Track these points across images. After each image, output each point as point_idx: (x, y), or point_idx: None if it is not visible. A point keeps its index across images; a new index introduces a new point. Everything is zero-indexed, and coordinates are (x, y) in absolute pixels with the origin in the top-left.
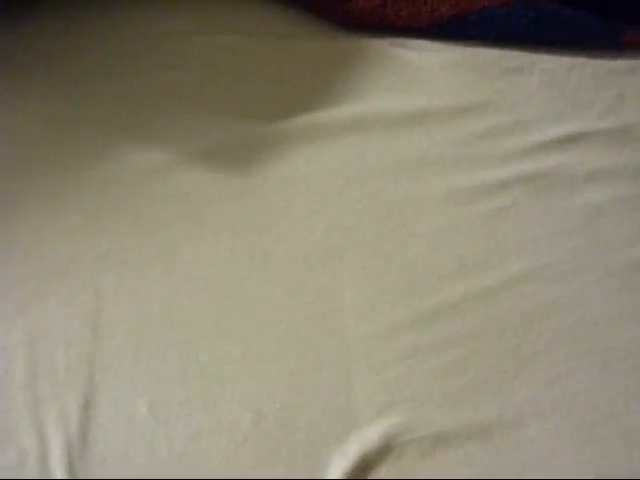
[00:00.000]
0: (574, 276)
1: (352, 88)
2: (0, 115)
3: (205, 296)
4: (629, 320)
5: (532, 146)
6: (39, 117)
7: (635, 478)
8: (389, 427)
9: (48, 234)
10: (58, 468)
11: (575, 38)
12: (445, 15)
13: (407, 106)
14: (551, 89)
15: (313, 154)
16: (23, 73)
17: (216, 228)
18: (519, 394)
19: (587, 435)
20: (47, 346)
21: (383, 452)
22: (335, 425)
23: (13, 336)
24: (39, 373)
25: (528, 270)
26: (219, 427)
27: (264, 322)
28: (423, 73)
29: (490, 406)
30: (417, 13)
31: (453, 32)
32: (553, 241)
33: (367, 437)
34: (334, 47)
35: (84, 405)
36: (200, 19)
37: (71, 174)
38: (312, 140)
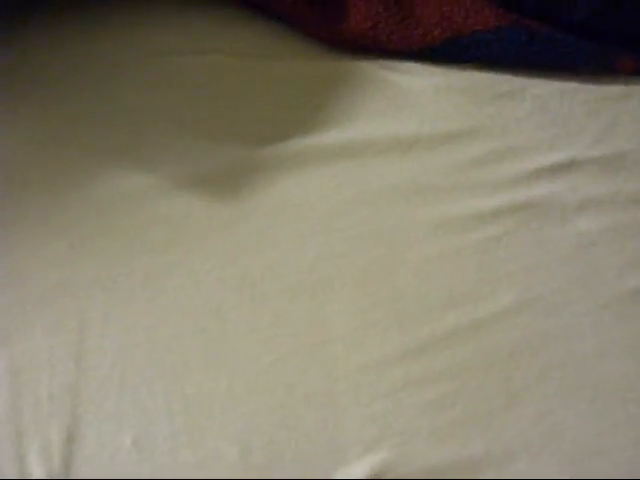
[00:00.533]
0: (565, 308)
1: (342, 112)
2: None
3: (192, 326)
4: (620, 354)
5: (524, 174)
6: (26, 137)
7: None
8: (377, 463)
9: (33, 260)
10: None
11: (567, 63)
12: (437, 38)
13: (398, 131)
14: (543, 115)
15: (303, 180)
16: (13, 92)
17: (204, 256)
18: (508, 429)
19: (576, 470)
20: (30, 376)
21: None
22: (323, 460)
23: None
24: (22, 404)
25: (519, 302)
26: (205, 462)
27: (251, 354)
28: (414, 97)
29: (479, 441)
30: (409, 36)
31: (445, 55)
32: (544, 271)
33: (355, 473)
34: (323, 68)
35: (67, 438)
36: (189, 37)
37: (58, 198)
38: (302, 166)
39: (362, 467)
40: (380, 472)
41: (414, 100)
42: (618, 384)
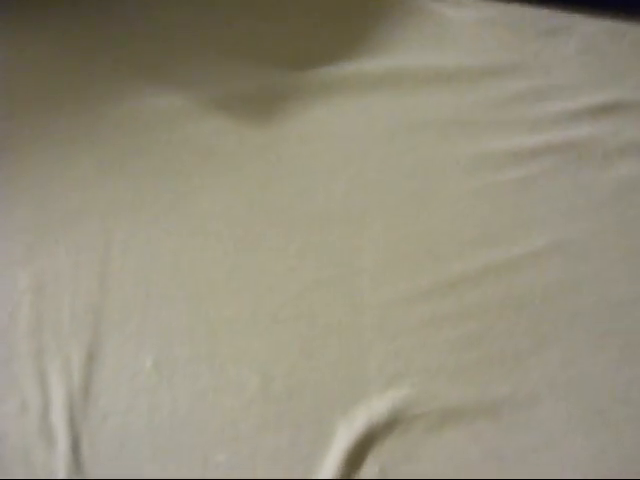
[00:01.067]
0: (600, 253)
1: (382, 41)
2: (18, 46)
3: (218, 251)
4: None
5: (565, 114)
6: (57, 52)
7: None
8: (398, 399)
9: (60, 179)
10: (59, 422)
11: (618, 1)
12: None
13: (439, 63)
14: (589, 54)
15: (338, 108)
16: (45, 2)
17: (234, 180)
18: (534, 372)
19: (601, 420)
20: (53, 294)
21: (390, 425)
22: (343, 393)
23: (19, 282)
24: (44, 322)
25: (553, 244)
26: (225, 388)
27: (277, 282)
28: (457, 29)
29: (503, 383)
30: None
31: None
32: (580, 215)
33: (375, 408)
34: None
35: (88, 357)
36: None
37: (86, 117)
38: (337, 93)
39: (384, 402)
40: (401, 408)
41: (457, 32)
42: None
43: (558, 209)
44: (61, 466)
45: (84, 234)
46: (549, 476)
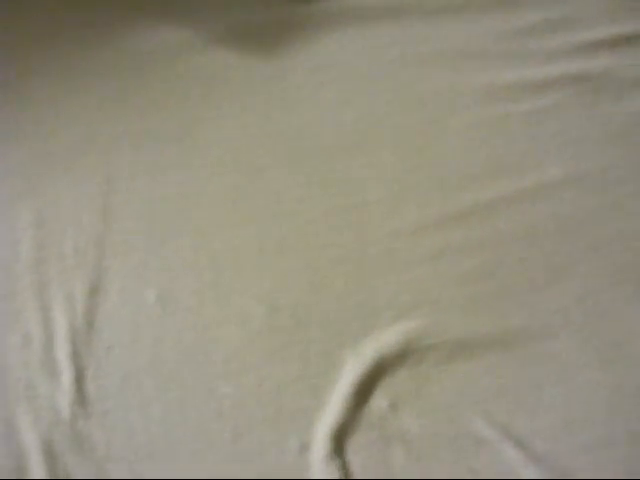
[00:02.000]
0: (615, 186)
1: None
2: None
3: (223, 182)
4: None
5: (580, 45)
6: None
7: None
8: (409, 330)
9: (62, 111)
10: (62, 354)
11: None
12: None
13: None
14: None
15: (346, 39)
16: None
17: (239, 111)
18: (548, 305)
19: (616, 353)
20: (55, 228)
21: (401, 356)
22: (352, 325)
23: (21, 216)
24: (46, 255)
25: (567, 176)
26: (230, 319)
27: (283, 213)
28: None
29: (516, 315)
30: None
31: None
32: (595, 147)
33: (385, 340)
34: None
35: (91, 290)
36: None
37: (89, 50)
38: (346, 23)
39: (394, 334)
40: (412, 340)
41: None
42: None
43: (572, 141)
44: (65, 398)
45: (86, 168)
46: (563, 409)
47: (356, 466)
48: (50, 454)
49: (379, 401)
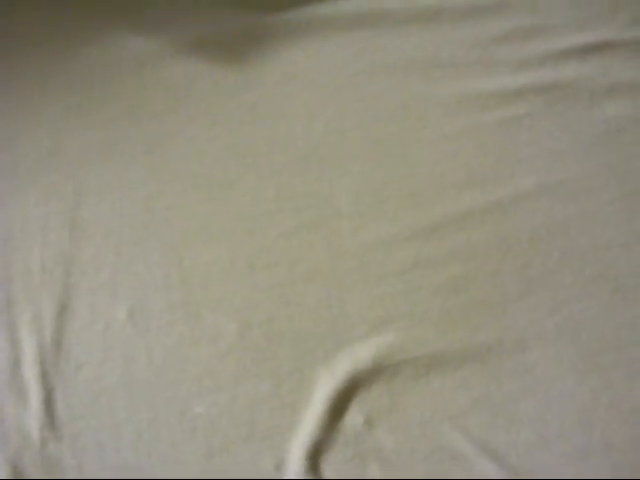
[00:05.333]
0: (588, 195)
1: None
2: None
3: (193, 197)
4: None
5: (552, 53)
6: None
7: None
8: (383, 345)
9: (28, 124)
10: (30, 375)
11: None
12: None
13: (418, 3)
14: None
15: (315, 48)
16: None
17: (208, 123)
18: (522, 317)
19: (590, 364)
20: (22, 245)
21: (375, 372)
22: (325, 340)
23: None
24: (13, 272)
25: (539, 186)
26: (201, 337)
27: (254, 227)
28: None
29: (490, 328)
30: None
31: None
32: (567, 157)
33: (358, 355)
34: None
35: (59, 309)
36: None
37: (55, 60)
38: (315, 33)
39: (367, 349)
40: (386, 355)
41: None
42: (639, 277)
43: (545, 151)
44: (34, 421)
45: (53, 182)
46: (539, 421)
47: None
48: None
49: (354, 417)
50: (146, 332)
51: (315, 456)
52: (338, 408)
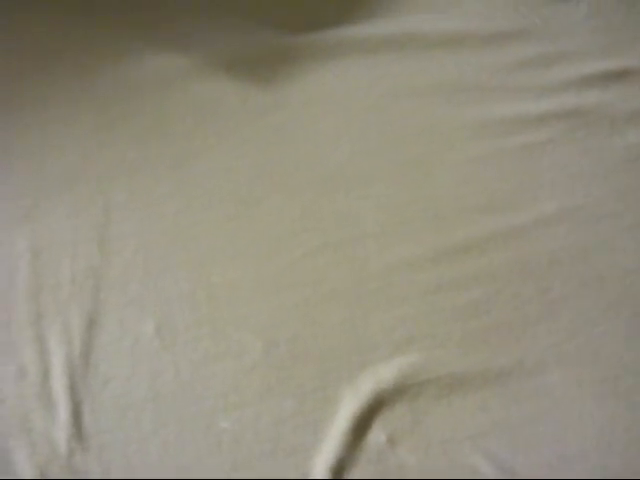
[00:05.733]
0: (608, 220)
1: (387, 4)
2: (18, 8)
3: (220, 214)
4: None
5: (573, 80)
6: (56, 13)
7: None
8: (405, 365)
9: (59, 141)
10: (59, 387)
11: None
12: None
13: (445, 27)
14: (598, 20)
15: (342, 71)
16: None
17: (236, 142)
18: (542, 340)
19: (610, 388)
20: (52, 258)
21: (397, 391)
22: (349, 360)
23: (18, 245)
24: (43, 285)
25: (560, 211)
26: (227, 353)
27: (280, 246)
28: None
29: (511, 350)
30: None
31: None
32: (589, 182)
33: (381, 374)
34: None
35: (88, 322)
36: None
37: (85, 78)
38: (341, 56)
39: (390, 369)
40: (409, 375)
41: None
42: None
43: (565, 176)
44: (62, 432)
45: (83, 197)
46: (558, 443)
47: None
48: None
49: (377, 436)
50: (173, 347)
51: (338, 473)
52: (361, 426)
